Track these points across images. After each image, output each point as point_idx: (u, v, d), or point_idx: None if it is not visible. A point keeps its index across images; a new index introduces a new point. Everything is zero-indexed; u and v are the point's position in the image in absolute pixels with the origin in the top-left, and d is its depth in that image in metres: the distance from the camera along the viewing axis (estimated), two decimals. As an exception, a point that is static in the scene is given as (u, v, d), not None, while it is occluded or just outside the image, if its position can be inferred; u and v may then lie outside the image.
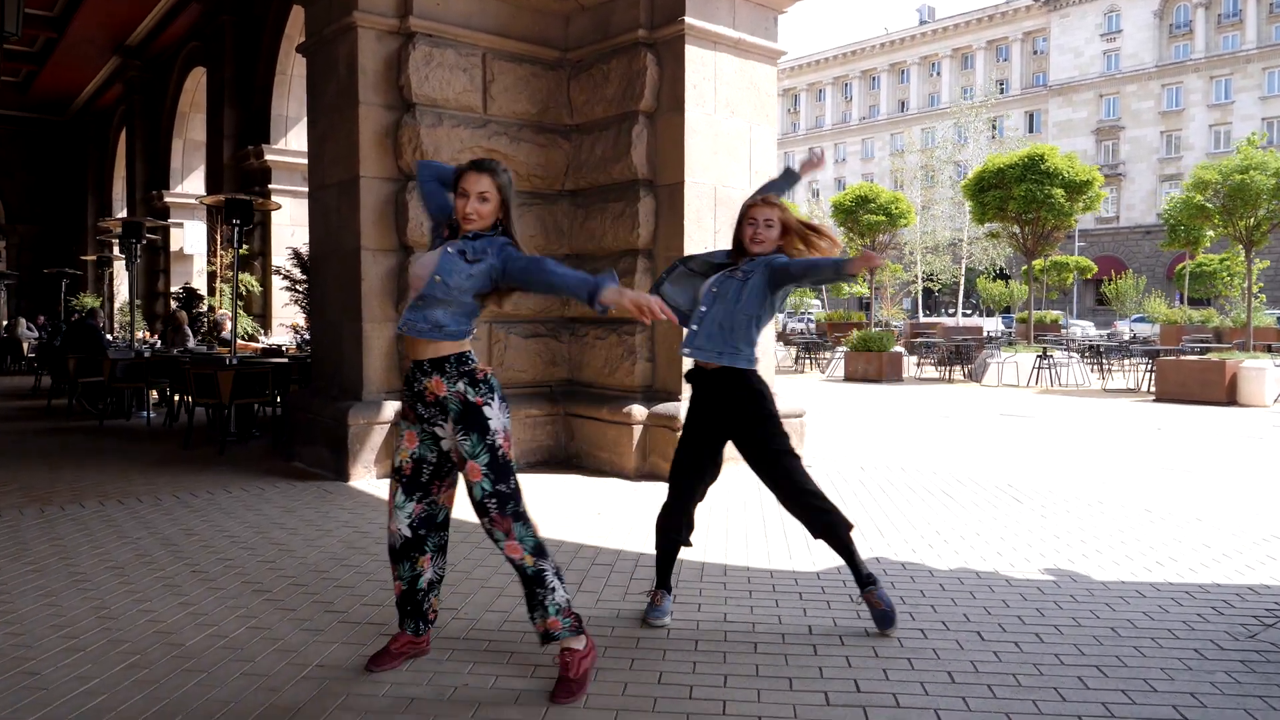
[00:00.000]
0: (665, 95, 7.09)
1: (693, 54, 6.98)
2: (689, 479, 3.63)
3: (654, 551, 3.76)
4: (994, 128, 47.11)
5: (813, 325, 34.55)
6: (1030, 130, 56.99)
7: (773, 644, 3.46)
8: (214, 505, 5.89)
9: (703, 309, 3.60)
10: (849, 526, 3.58)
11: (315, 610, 3.82)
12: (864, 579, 3.60)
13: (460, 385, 3.01)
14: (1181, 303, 31.51)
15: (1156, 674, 3.18)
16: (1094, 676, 3.15)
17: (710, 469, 3.67)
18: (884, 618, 3.55)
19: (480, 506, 2.98)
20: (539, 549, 3.01)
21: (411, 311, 3.06)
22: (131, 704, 2.92)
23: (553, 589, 3.00)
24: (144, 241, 12.31)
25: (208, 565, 4.50)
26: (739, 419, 3.58)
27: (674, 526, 3.67)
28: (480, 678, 3.13)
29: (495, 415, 3.02)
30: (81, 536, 5.05)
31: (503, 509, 2.96)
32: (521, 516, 3.00)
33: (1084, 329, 33.57)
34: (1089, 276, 37.70)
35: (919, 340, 22.17)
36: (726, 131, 7.18)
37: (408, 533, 3.09)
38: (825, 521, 3.56)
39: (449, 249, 3.06)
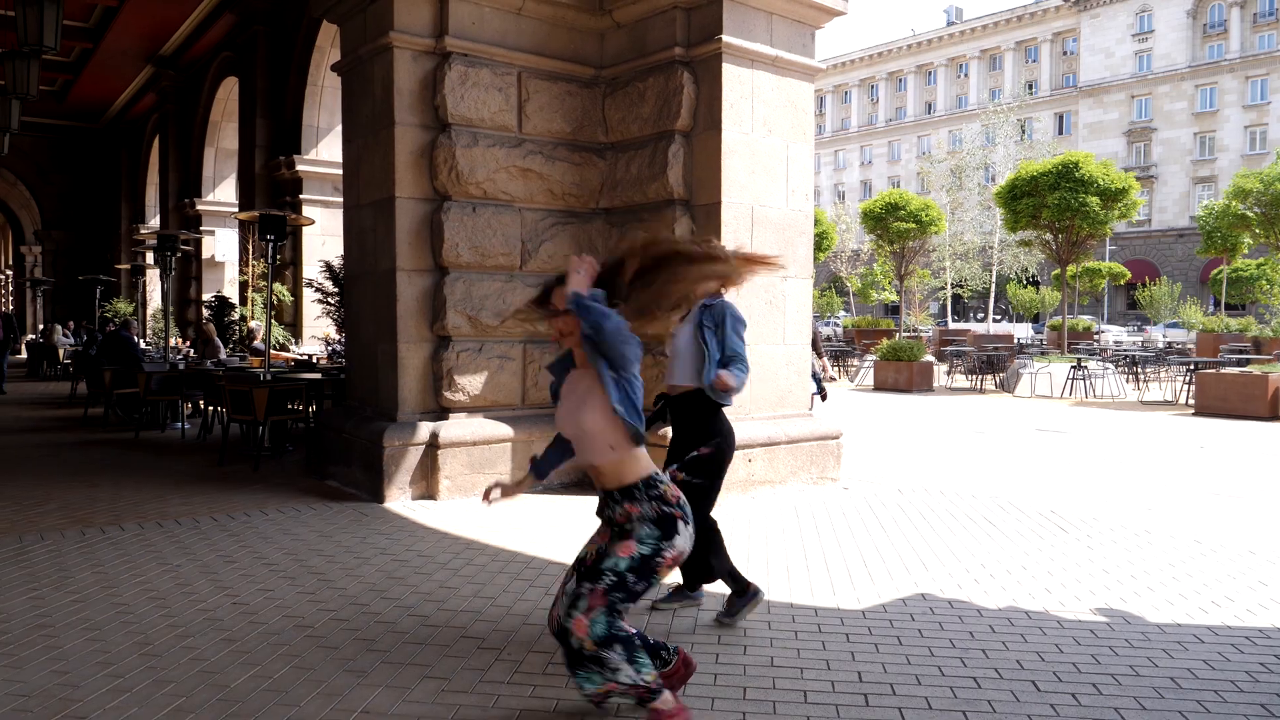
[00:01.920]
0: (702, 114, 7.03)
1: (730, 72, 6.91)
2: None
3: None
4: (1023, 130, 46.62)
5: (839, 330, 34.32)
6: (1060, 132, 56.37)
7: (823, 692, 3.39)
8: (251, 529, 5.89)
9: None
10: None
11: (358, 649, 3.79)
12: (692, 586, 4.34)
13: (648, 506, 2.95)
14: (1217, 309, 31.01)
15: (1223, 732, 3.08)
16: (1158, 734, 3.06)
17: None
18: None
19: (594, 573, 2.88)
20: (606, 640, 2.85)
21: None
22: (179, 753, 2.90)
23: (615, 669, 2.85)
24: (179, 254, 12.40)
25: (248, 596, 4.49)
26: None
27: None
28: (527, 728, 3.09)
29: (684, 535, 2.93)
30: (122, 563, 5.06)
31: (609, 592, 2.85)
32: (617, 614, 2.87)
33: (1115, 335, 33.08)
34: (1121, 283, 37.21)
35: (949, 348, 21.94)
36: (764, 150, 7.11)
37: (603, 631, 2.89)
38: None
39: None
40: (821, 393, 8.42)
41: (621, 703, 3.04)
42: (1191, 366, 15.34)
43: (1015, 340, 26.47)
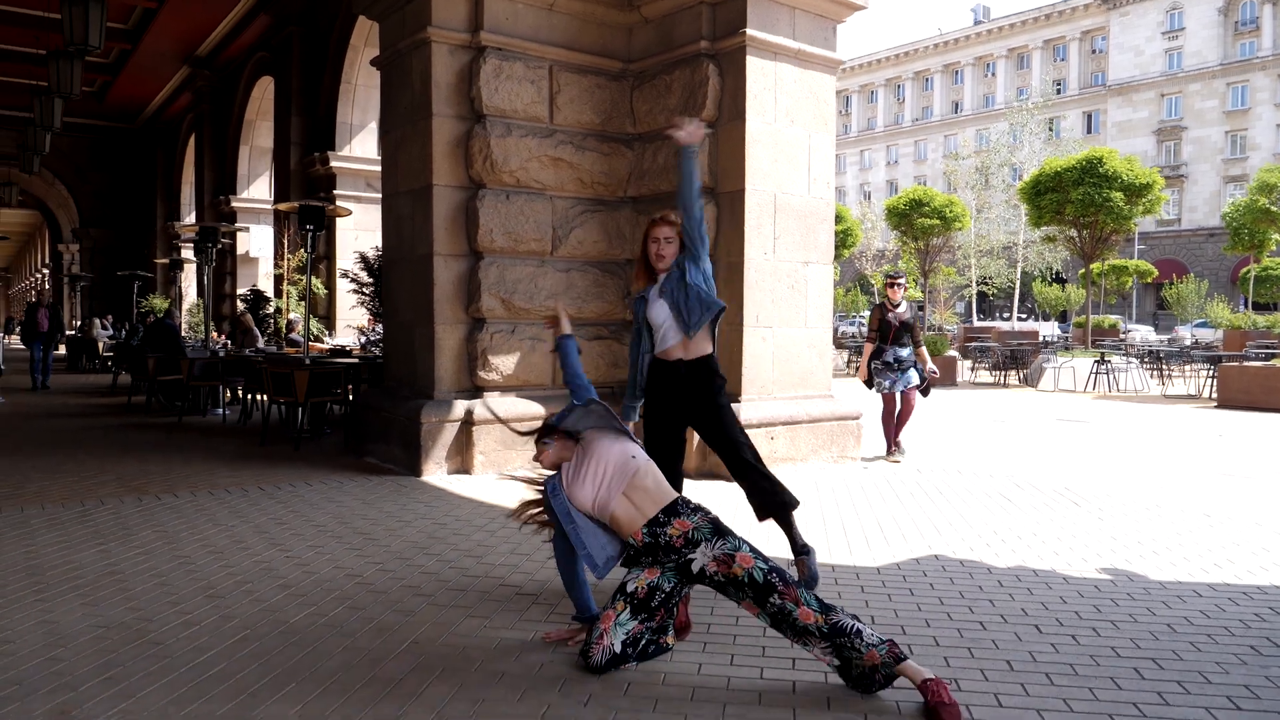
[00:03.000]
0: (726, 105, 7.29)
1: (754, 64, 7.17)
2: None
3: None
4: (1051, 129, 46.42)
5: (863, 329, 34.33)
6: (1088, 131, 56.01)
7: (837, 632, 3.64)
8: (297, 497, 6.22)
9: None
10: (794, 504, 4.23)
11: (405, 594, 4.09)
12: (799, 548, 4.17)
13: (697, 517, 3.34)
14: (1246, 307, 30.79)
15: (1212, 668, 3.30)
16: (1150, 669, 3.28)
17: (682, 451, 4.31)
18: (809, 580, 4.10)
19: (767, 587, 3.08)
20: (823, 606, 3.05)
21: None
22: (248, 672, 3.20)
23: (857, 632, 2.99)
24: (219, 246, 12.81)
25: (300, 551, 4.80)
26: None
27: None
28: (562, 655, 3.36)
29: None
30: (180, 523, 5.40)
31: (785, 580, 3.10)
32: (797, 584, 3.13)
33: (1143, 334, 32.93)
34: (1149, 280, 37.01)
35: (973, 345, 22.02)
36: (786, 140, 7.35)
37: (617, 648, 3.17)
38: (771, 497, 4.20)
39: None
40: (925, 388, 8.00)
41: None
42: (1216, 360, 15.38)
43: (1040, 337, 26.47)
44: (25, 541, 4.96)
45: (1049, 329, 34.41)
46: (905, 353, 7.94)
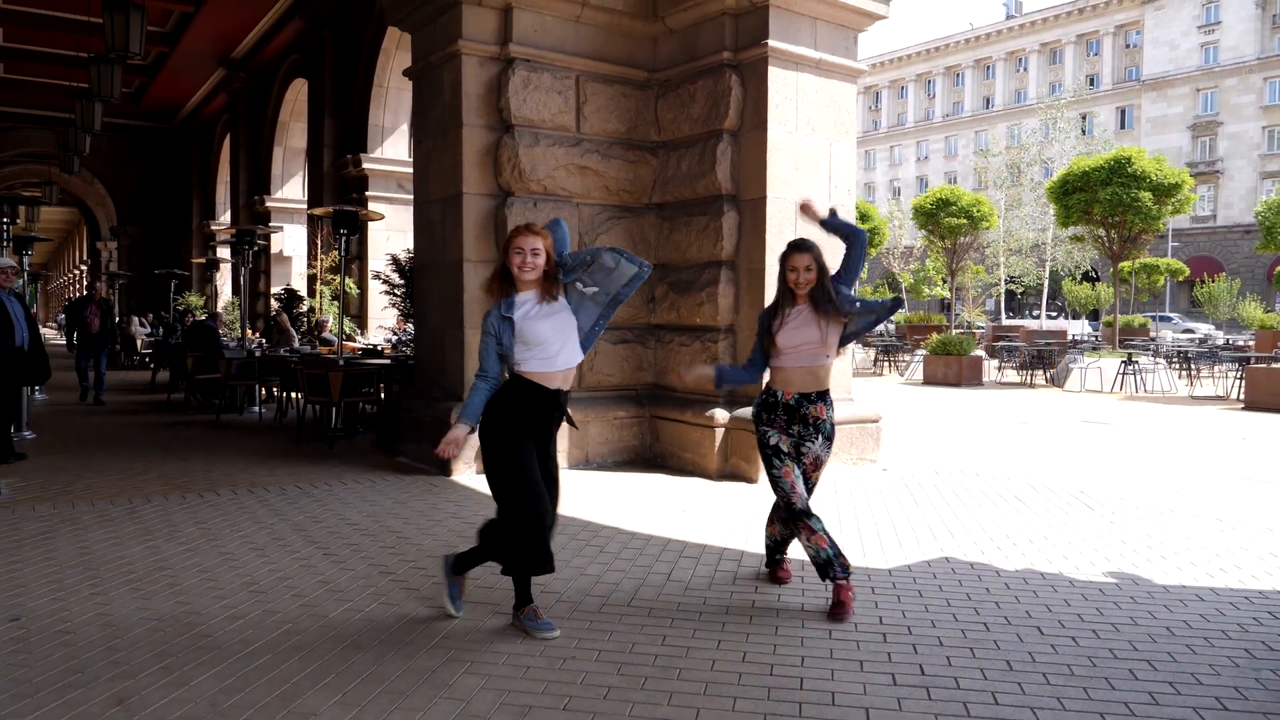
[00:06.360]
0: (749, 114, 7.45)
1: (775, 74, 7.32)
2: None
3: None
4: (1083, 124, 45.97)
5: (892, 327, 34.28)
6: (1122, 126, 55.37)
7: (846, 631, 3.81)
8: (332, 496, 6.47)
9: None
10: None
11: (436, 591, 4.30)
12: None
13: (831, 412, 4.24)
14: (1280, 306, 30.38)
15: (1205, 670, 3.44)
16: (1144, 670, 3.43)
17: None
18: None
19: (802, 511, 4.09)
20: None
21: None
22: (290, 664, 3.43)
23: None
24: (255, 248, 13.14)
25: (336, 549, 5.04)
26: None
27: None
28: (586, 650, 3.56)
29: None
30: (222, 521, 5.66)
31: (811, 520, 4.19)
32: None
33: (1174, 328, 32.62)
34: (1181, 279, 36.61)
35: (1000, 344, 21.98)
36: (807, 149, 7.50)
37: (807, 501, 4.13)
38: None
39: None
40: None
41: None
42: (1244, 361, 15.30)
43: (1069, 336, 26.33)
44: (79, 537, 5.25)
45: (1079, 327, 34.16)
46: None
